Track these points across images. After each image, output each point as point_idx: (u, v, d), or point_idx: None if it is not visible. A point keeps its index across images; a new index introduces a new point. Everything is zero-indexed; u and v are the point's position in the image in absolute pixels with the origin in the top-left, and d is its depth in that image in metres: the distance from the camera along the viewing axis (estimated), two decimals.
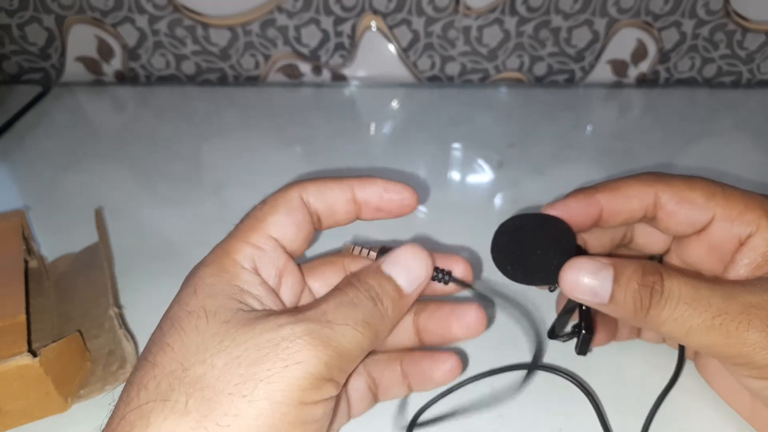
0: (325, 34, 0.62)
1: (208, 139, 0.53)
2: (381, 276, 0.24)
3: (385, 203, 0.26)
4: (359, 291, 0.23)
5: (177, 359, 0.20)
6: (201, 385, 0.19)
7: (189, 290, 0.22)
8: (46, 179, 0.48)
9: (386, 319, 0.23)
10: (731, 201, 0.25)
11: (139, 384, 0.20)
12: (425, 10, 0.61)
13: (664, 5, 0.61)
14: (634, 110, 0.62)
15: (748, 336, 0.22)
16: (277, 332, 0.20)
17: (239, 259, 0.23)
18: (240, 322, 0.21)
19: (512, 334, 0.33)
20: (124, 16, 0.61)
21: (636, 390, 0.30)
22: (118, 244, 0.39)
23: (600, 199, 0.26)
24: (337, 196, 0.25)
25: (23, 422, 0.28)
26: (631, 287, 0.23)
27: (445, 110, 0.60)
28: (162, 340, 0.21)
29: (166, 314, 0.22)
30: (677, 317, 0.22)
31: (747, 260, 0.25)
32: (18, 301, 0.29)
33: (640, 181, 0.26)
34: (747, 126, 0.57)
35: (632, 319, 0.24)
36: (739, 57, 0.65)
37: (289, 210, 0.24)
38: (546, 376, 0.30)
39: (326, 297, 0.23)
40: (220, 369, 0.19)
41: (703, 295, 0.23)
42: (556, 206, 0.26)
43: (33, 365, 0.26)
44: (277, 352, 0.20)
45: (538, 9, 0.61)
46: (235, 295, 0.22)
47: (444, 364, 0.27)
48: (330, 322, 0.21)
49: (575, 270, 0.24)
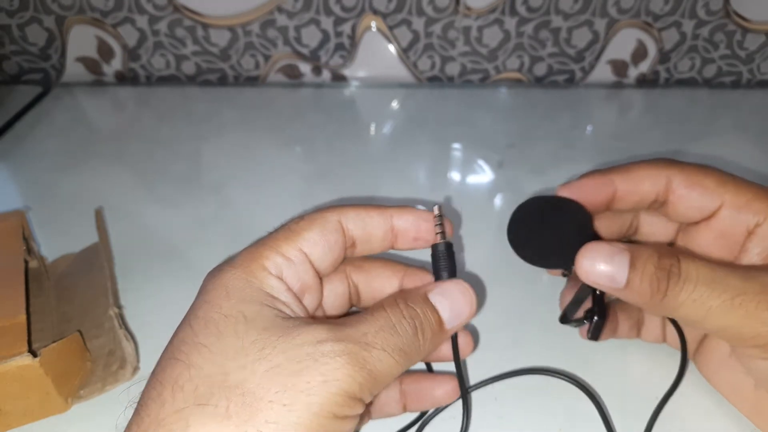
0: (325, 35, 0.63)
1: (208, 140, 0.53)
2: (427, 304, 0.24)
3: (423, 233, 0.26)
4: (403, 317, 0.23)
5: (215, 362, 0.20)
6: (242, 390, 0.19)
7: (220, 292, 0.22)
8: (46, 179, 0.48)
9: (422, 351, 0.23)
10: (741, 189, 0.25)
11: (173, 384, 0.20)
12: (425, 11, 0.61)
13: (664, 5, 0.61)
14: (634, 110, 0.62)
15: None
16: (316, 347, 0.20)
17: (267, 265, 0.23)
18: (278, 330, 0.21)
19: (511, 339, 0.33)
20: (125, 16, 0.61)
21: (638, 390, 0.30)
22: (118, 244, 0.39)
23: (614, 180, 0.26)
24: (376, 224, 0.25)
25: (23, 422, 0.28)
26: (648, 271, 0.23)
27: (445, 110, 0.60)
28: (195, 339, 0.21)
29: (195, 314, 0.22)
30: (696, 298, 0.22)
31: (759, 249, 0.25)
32: (18, 301, 0.29)
33: (653, 165, 0.26)
34: (747, 126, 0.57)
35: (648, 304, 0.23)
36: (739, 57, 0.65)
37: (324, 230, 0.24)
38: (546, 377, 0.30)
39: (368, 316, 0.22)
40: (260, 376, 0.20)
41: (721, 276, 0.23)
42: (571, 186, 0.26)
43: (33, 365, 0.26)
44: (317, 366, 0.20)
45: (538, 9, 0.61)
46: (267, 302, 0.22)
47: (446, 384, 0.27)
48: (368, 345, 0.21)
49: (591, 255, 0.24)
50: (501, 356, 0.31)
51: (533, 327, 0.33)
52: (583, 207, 0.26)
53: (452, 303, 0.24)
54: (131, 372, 0.30)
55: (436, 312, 0.24)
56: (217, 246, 0.40)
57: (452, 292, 0.25)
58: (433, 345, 0.24)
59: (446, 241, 0.26)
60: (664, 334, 0.31)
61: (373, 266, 0.28)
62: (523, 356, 0.32)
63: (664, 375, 0.30)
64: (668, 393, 0.29)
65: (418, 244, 0.27)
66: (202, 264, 0.38)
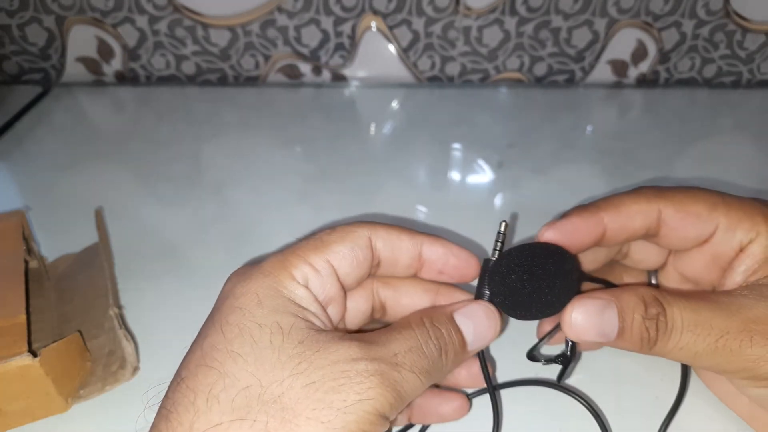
0: (325, 35, 0.63)
1: (208, 140, 0.53)
2: (452, 325, 0.24)
3: (450, 269, 0.26)
4: (430, 337, 0.23)
5: (252, 373, 0.20)
6: (280, 405, 0.19)
7: (251, 299, 0.22)
8: (46, 179, 0.48)
9: (444, 371, 0.23)
10: (732, 209, 0.25)
11: (207, 393, 0.20)
12: (425, 11, 0.61)
13: (664, 5, 0.61)
14: (634, 110, 0.62)
15: (752, 352, 0.22)
16: (352, 365, 0.20)
17: (295, 274, 0.23)
18: (314, 344, 0.21)
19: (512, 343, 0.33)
20: (125, 16, 0.61)
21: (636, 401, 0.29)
22: (118, 244, 0.39)
23: (603, 218, 0.25)
24: (405, 248, 0.25)
25: (23, 422, 0.28)
26: (637, 322, 0.23)
27: (445, 110, 0.60)
28: (228, 347, 0.20)
29: (226, 320, 0.22)
30: (682, 346, 0.23)
31: (744, 267, 0.25)
32: (18, 301, 0.29)
33: (642, 197, 0.25)
34: (747, 126, 0.57)
35: (638, 351, 0.24)
36: (739, 57, 0.65)
37: (354, 245, 0.24)
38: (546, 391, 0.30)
39: (397, 335, 0.22)
40: (298, 391, 0.19)
41: (704, 317, 0.23)
42: (558, 226, 0.25)
43: (33, 365, 0.26)
44: (352, 385, 0.20)
45: (538, 9, 0.61)
46: (299, 313, 0.22)
47: (453, 401, 0.27)
48: (398, 366, 0.21)
49: (580, 312, 0.23)
50: (502, 361, 0.31)
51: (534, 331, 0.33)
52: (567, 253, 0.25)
53: (477, 325, 0.24)
54: (131, 372, 0.30)
55: (460, 333, 0.24)
56: (217, 246, 0.40)
57: (478, 314, 0.24)
58: (454, 365, 0.24)
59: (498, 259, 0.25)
60: None
61: (403, 283, 0.27)
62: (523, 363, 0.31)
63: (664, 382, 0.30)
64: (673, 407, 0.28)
65: (443, 278, 0.26)
66: (202, 264, 0.38)
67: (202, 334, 0.22)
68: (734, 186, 0.44)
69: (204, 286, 0.36)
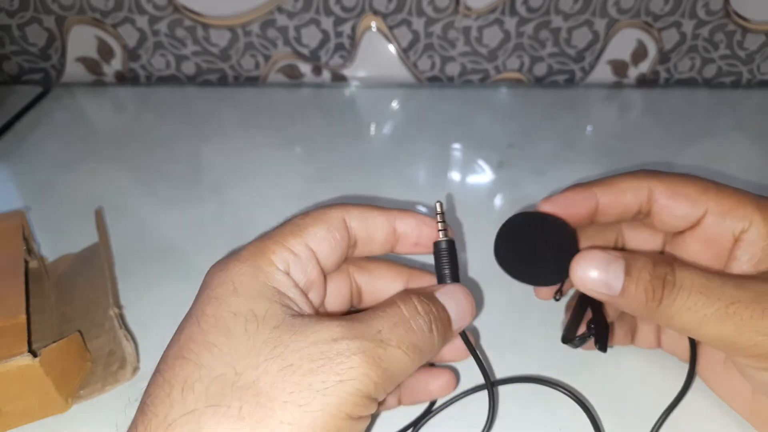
0: (325, 35, 0.63)
1: (208, 140, 0.53)
2: (438, 302, 0.24)
3: (424, 238, 0.26)
4: (418, 312, 0.23)
5: (226, 362, 0.20)
6: (255, 390, 0.19)
7: (227, 288, 0.22)
8: (46, 179, 0.48)
9: (435, 348, 0.23)
10: (723, 196, 0.25)
11: (182, 384, 0.19)
12: (425, 11, 0.61)
13: (664, 5, 0.61)
14: (634, 110, 0.62)
15: (764, 324, 0.22)
16: (331, 345, 0.20)
17: (274, 260, 0.23)
18: (290, 327, 0.21)
19: (510, 340, 0.33)
20: (125, 16, 0.61)
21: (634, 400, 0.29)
22: (118, 244, 0.39)
23: (596, 193, 0.26)
24: (379, 224, 0.25)
25: (23, 422, 0.28)
26: (643, 278, 0.23)
27: (445, 110, 0.60)
28: (204, 338, 0.20)
29: (203, 311, 0.21)
30: (690, 306, 0.22)
31: (747, 256, 0.25)
32: (18, 301, 0.29)
33: (634, 176, 0.26)
34: (747, 126, 0.57)
35: (643, 311, 0.23)
36: (739, 57, 0.65)
37: (329, 227, 0.24)
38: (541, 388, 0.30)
39: (381, 312, 0.22)
40: (274, 375, 0.19)
41: (715, 284, 0.22)
42: (553, 200, 0.26)
43: (33, 365, 0.26)
44: (332, 366, 0.20)
45: (538, 9, 0.61)
46: (276, 298, 0.22)
47: (441, 377, 0.27)
48: (383, 342, 0.21)
49: (586, 263, 0.23)
50: (500, 358, 0.31)
51: (533, 328, 0.33)
52: (566, 222, 0.26)
53: (458, 304, 0.25)
54: (131, 372, 0.30)
55: (445, 310, 0.24)
56: (217, 246, 0.40)
57: (456, 294, 0.25)
58: (443, 343, 0.24)
59: (448, 239, 0.26)
60: (658, 340, 0.31)
61: (377, 267, 0.28)
62: (522, 359, 0.31)
63: (661, 383, 0.29)
64: (674, 402, 0.28)
65: (418, 249, 0.27)
66: (202, 264, 0.38)
67: (180, 327, 0.22)
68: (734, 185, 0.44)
69: None
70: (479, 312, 0.35)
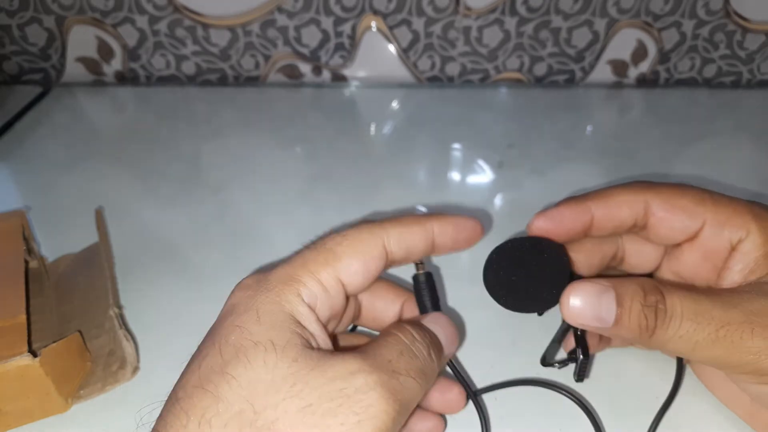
0: (325, 35, 0.63)
1: (208, 140, 0.53)
2: (428, 328, 0.24)
3: (462, 242, 0.26)
4: (416, 339, 0.23)
5: (245, 397, 0.19)
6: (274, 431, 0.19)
7: (251, 315, 0.21)
8: (46, 179, 0.48)
9: (435, 372, 0.23)
10: (720, 206, 0.25)
11: (199, 417, 0.19)
12: (425, 11, 0.61)
13: (664, 5, 0.61)
14: (634, 110, 0.62)
15: (753, 344, 0.22)
16: (349, 381, 0.20)
17: (302, 292, 0.22)
18: (308, 362, 0.20)
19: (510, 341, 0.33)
20: (125, 16, 0.61)
21: (634, 400, 0.29)
22: (118, 244, 0.39)
23: (591, 206, 0.25)
24: (418, 240, 0.25)
25: (23, 422, 0.28)
26: (635, 309, 0.23)
27: (445, 110, 0.60)
28: (224, 369, 0.20)
29: (225, 338, 0.21)
30: (682, 334, 0.22)
31: (740, 266, 0.25)
32: (18, 301, 0.29)
33: (629, 189, 0.26)
34: (747, 126, 0.57)
35: (636, 339, 0.24)
36: (739, 57, 0.65)
37: (366, 258, 0.24)
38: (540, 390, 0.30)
39: (383, 341, 0.22)
40: (292, 416, 0.19)
41: (704, 308, 0.23)
42: (547, 214, 0.26)
43: (33, 365, 0.26)
44: (350, 405, 0.19)
45: (538, 9, 0.61)
46: (298, 330, 0.21)
47: (429, 420, 0.26)
48: (395, 372, 0.21)
49: (577, 296, 0.23)
50: (499, 361, 0.31)
51: (532, 330, 0.33)
52: (560, 247, 0.26)
53: (443, 329, 0.25)
54: (131, 372, 0.30)
55: (436, 336, 0.24)
56: (217, 246, 0.40)
57: (441, 321, 0.26)
58: (441, 367, 0.24)
59: (426, 272, 0.27)
60: None
61: (379, 287, 0.28)
62: (521, 362, 0.31)
63: (660, 382, 0.29)
64: (666, 403, 0.28)
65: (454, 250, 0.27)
66: (202, 264, 0.38)
67: (202, 353, 0.21)
68: (733, 187, 0.44)
69: (204, 286, 0.36)
70: (478, 310, 0.35)
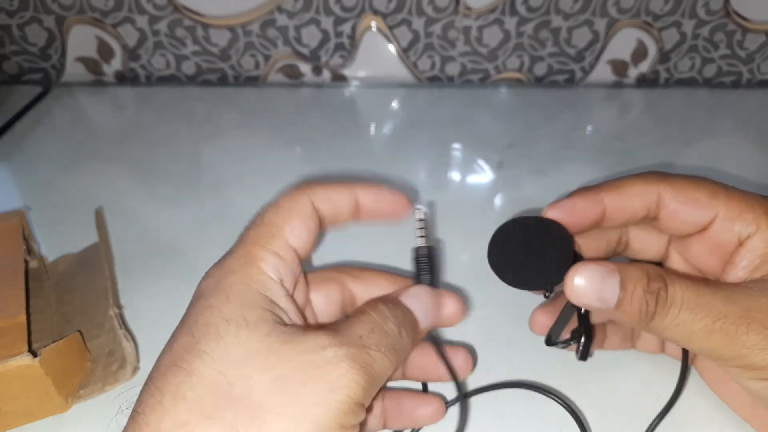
0: (325, 35, 0.63)
1: (208, 140, 0.53)
2: (403, 305, 0.25)
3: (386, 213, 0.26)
4: (387, 317, 0.23)
5: (218, 370, 0.20)
6: (248, 402, 0.19)
7: (220, 296, 0.22)
8: (46, 179, 0.48)
9: (407, 348, 0.24)
10: (733, 200, 0.25)
11: (174, 392, 0.19)
12: (425, 11, 0.61)
13: (664, 5, 0.61)
14: (634, 110, 0.62)
15: (748, 338, 0.22)
16: (320, 354, 0.20)
17: (265, 268, 0.23)
18: (281, 336, 0.21)
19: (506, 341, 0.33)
20: (125, 16, 0.61)
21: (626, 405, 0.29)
22: (118, 244, 0.39)
23: (604, 198, 0.26)
24: (344, 200, 0.26)
25: (23, 422, 0.28)
26: (638, 294, 0.23)
27: (445, 110, 0.60)
28: (196, 346, 0.20)
29: (195, 319, 0.21)
30: (680, 323, 0.23)
31: (745, 262, 0.25)
32: (18, 301, 0.29)
33: (643, 180, 0.26)
34: (747, 126, 0.57)
35: (636, 324, 0.24)
36: (739, 57, 0.65)
37: (303, 217, 0.24)
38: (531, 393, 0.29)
39: (355, 320, 0.23)
40: (266, 386, 0.19)
41: (704, 299, 0.23)
42: (560, 205, 0.26)
43: (33, 365, 0.26)
44: (322, 375, 0.20)
45: (538, 9, 0.61)
46: (268, 307, 0.22)
47: (429, 405, 0.27)
48: (366, 347, 0.21)
49: (582, 275, 0.23)
50: (493, 361, 0.31)
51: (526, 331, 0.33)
52: (564, 228, 0.26)
53: (422, 304, 0.25)
54: (131, 372, 0.30)
55: (410, 312, 0.25)
56: (217, 246, 0.40)
57: (419, 294, 0.26)
58: (413, 343, 0.24)
59: (428, 246, 0.27)
60: (663, 344, 0.31)
61: (373, 276, 0.28)
62: (513, 362, 0.31)
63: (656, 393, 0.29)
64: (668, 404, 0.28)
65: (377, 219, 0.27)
66: (202, 264, 0.38)
67: (174, 336, 0.22)
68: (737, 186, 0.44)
69: None
70: (477, 309, 0.35)
